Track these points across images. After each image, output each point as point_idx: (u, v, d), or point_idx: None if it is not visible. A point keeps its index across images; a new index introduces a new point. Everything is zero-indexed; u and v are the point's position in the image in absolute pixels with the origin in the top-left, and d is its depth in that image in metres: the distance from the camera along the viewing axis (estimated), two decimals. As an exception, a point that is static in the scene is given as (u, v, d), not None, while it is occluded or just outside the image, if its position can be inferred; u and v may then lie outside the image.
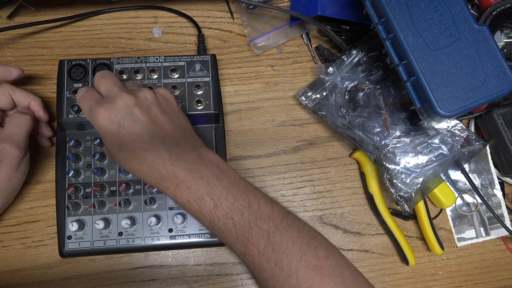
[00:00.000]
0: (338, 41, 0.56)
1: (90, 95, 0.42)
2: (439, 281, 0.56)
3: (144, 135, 0.40)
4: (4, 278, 0.51)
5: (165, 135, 0.41)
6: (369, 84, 0.54)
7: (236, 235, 0.40)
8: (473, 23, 0.45)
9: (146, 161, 0.40)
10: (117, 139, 0.40)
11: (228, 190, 0.41)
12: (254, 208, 0.41)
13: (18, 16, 0.58)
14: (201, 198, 0.40)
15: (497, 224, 0.57)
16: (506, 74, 0.45)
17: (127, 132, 0.39)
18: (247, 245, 0.40)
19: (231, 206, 0.40)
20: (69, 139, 0.51)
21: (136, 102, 0.40)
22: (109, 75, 0.44)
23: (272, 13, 0.59)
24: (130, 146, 0.40)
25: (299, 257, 0.40)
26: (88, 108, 0.41)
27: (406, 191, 0.50)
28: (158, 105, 0.42)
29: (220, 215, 0.40)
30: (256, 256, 0.40)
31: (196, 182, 0.40)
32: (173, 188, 0.40)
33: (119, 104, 0.40)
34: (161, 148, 0.40)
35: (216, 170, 0.41)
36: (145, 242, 0.50)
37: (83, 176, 0.50)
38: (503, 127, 0.54)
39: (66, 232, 0.49)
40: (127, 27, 0.59)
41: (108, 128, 0.40)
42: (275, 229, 0.40)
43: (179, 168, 0.40)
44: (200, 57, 0.53)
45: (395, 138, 0.52)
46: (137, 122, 0.40)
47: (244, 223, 0.40)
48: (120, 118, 0.39)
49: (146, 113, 0.40)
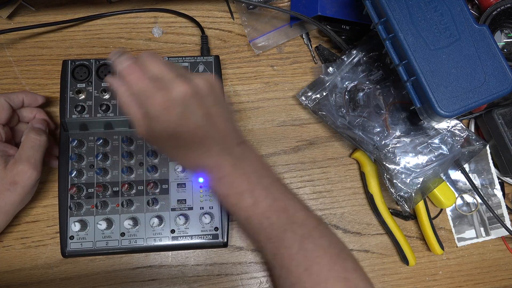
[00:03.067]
0: (338, 41, 0.56)
1: (140, 72, 0.38)
2: (439, 281, 0.56)
3: (198, 128, 0.39)
4: (4, 278, 0.51)
5: (216, 128, 0.40)
6: (369, 84, 0.54)
7: (269, 236, 0.40)
8: (473, 23, 0.45)
9: (195, 153, 0.40)
10: (170, 129, 0.38)
11: (268, 189, 0.41)
12: (290, 212, 0.41)
13: (18, 16, 0.58)
14: (241, 194, 0.40)
15: (497, 224, 0.57)
16: (506, 74, 0.45)
17: (182, 123, 0.38)
18: (279, 247, 0.40)
19: (269, 206, 0.40)
20: (72, 139, 0.51)
21: (192, 92, 0.38)
22: (159, 57, 0.41)
23: (272, 13, 0.59)
24: (182, 137, 0.39)
25: (329, 266, 0.40)
26: (140, 89, 0.38)
27: (406, 191, 0.50)
28: (212, 96, 0.40)
29: (257, 213, 0.40)
30: (287, 259, 0.40)
31: (239, 177, 0.40)
32: (216, 180, 0.41)
33: (177, 93, 0.38)
34: (211, 141, 0.40)
35: (258, 167, 0.42)
36: (147, 243, 0.50)
37: (85, 176, 0.50)
38: (503, 127, 0.54)
39: (69, 232, 0.49)
40: (127, 27, 0.59)
41: (163, 116, 0.38)
42: (308, 236, 0.40)
43: (225, 162, 0.40)
44: (203, 58, 0.53)
45: (395, 138, 0.52)
46: (193, 114, 0.38)
47: (280, 225, 0.40)
48: (177, 109, 0.38)
49: (201, 105, 0.39)
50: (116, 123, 0.51)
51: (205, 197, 0.51)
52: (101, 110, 0.50)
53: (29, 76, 0.56)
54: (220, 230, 0.50)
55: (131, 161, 0.51)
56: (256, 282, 0.53)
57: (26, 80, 0.56)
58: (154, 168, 0.51)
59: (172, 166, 0.51)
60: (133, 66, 0.39)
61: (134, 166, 0.51)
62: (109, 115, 0.50)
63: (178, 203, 0.51)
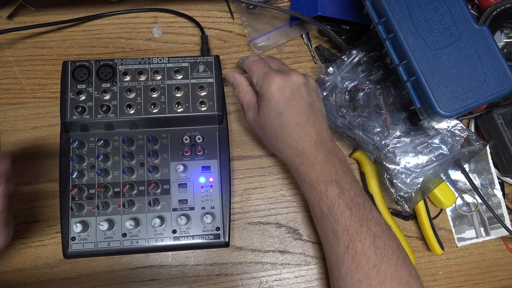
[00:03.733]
0: (338, 41, 0.56)
1: (264, 63, 0.47)
2: (439, 281, 0.56)
3: (304, 113, 0.45)
4: (4, 278, 0.51)
5: (317, 119, 0.46)
6: (369, 84, 0.54)
7: (347, 227, 0.43)
8: (473, 23, 0.45)
9: (297, 135, 0.45)
10: (281, 108, 0.44)
11: (351, 184, 0.45)
12: (367, 209, 0.45)
13: (18, 16, 0.58)
14: (330, 182, 0.44)
15: (497, 224, 0.57)
16: (506, 74, 0.45)
17: (292, 104, 0.44)
18: (354, 240, 0.43)
19: (351, 198, 0.44)
20: (73, 140, 0.51)
21: (304, 82, 0.46)
22: (277, 58, 0.52)
23: (272, 13, 0.59)
24: (289, 117, 0.44)
25: (396, 268, 0.42)
26: (263, 72, 0.46)
27: (406, 191, 0.50)
28: (316, 92, 0.48)
29: (341, 202, 0.44)
30: (359, 253, 0.42)
31: (329, 168, 0.45)
32: (308, 165, 0.45)
33: (294, 79, 0.45)
34: (312, 129, 0.45)
35: (344, 165, 0.46)
36: (149, 243, 0.50)
37: (87, 177, 0.50)
38: (503, 127, 0.54)
39: (70, 233, 0.49)
40: (127, 27, 0.59)
41: (277, 95, 0.44)
42: (380, 234, 0.43)
43: (321, 151, 0.45)
44: (203, 58, 0.53)
45: (395, 138, 0.52)
46: (302, 99, 0.45)
47: (358, 218, 0.43)
48: (290, 91, 0.44)
49: (308, 95, 0.46)
50: (116, 124, 0.51)
51: (206, 197, 0.51)
52: (101, 111, 0.50)
53: (29, 76, 0.56)
54: (221, 230, 0.50)
55: (132, 162, 0.51)
56: (256, 282, 0.53)
57: (26, 80, 0.56)
58: (155, 169, 0.51)
59: (173, 167, 0.51)
60: (259, 59, 0.48)
61: (135, 167, 0.51)
62: (109, 116, 0.50)
63: (179, 203, 0.51)
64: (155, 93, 0.51)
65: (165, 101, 0.51)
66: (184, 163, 0.51)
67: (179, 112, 0.51)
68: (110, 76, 0.51)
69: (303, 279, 0.54)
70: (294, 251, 0.54)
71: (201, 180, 0.51)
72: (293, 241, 0.55)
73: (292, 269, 0.54)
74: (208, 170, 0.52)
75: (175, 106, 0.51)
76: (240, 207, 0.55)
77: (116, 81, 0.51)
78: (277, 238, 0.55)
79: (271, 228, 0.55)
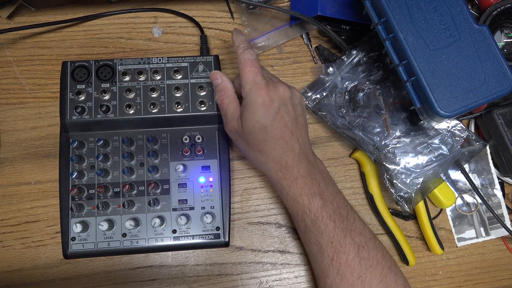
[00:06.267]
0: (338, 41, 0.56)
1: (257, 68, 0.45)
2: (439, 281, 0.56)
3: (288, 127, 0.44)
4: (4, 278, 0.51)
5: (300, 134, 0.46)
6: (369, 84, 0.54)
7: (331, 239, 0.43)
8: (473, 23, 0.45)
9: (281, 149, 0.44)
10: (267, 122, 0.44)
11: (334, 195, 0.45)
12: (350, 220, 0.45)
13: (18, 16, 0.58)
14: (313, 195, 0.44)
15: (497, 224, 0.57)
16: (506, 74, 0.45)
17: (277, 118, 0.44)
18: (338, 252, 0.43)
19: (334, 210, 0.44)
20: (73, 140, 0.51)
21: (290, 96, 0.46)
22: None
23: (272, 13, 0.59)
24: (274, 132, 0.44)
25: (381, 278, 0.43)
26: (254, 81, 0.44)
27: (406, 191, 0.50)
28: (300, 106, 0.47)
29: (325, 215, 0.44)
30: (343, 264, 0.42)
31: (311, 181, 0.44)
32: (291, 180, 0.44)
33: (280, 92, 0.45)
34: (296, 143, 0.45)
35: (325, 177, 0.47)
36: (149, 243, 0.50)
37: (86, 177, 0.50)
38: (503, 127, 0.54)
39: (70, 234, 0.49)
40: (127, 27, 0.59)
41: (263, 108, 0.44)
42: (364, 245, 0.44)
43: (303, 165, 0.45)
44: (203, 58, 0.53)
45: (395, 138, 0.52)
46: (287, 114, 0.45)
47: (342, 230, 0.43)
48: (277, 104, 0.44)
49: (293, 109, 0.46)
50: (116, 124, 0.51)
51: (206, 197, 0.51)
52: (101, 111, 0.50)
53: (29, 76, 0.56)
54: (221, 230, 0.50)
55: (131, 162, 0.51)
56: (256, 282, 0.53)
57: (26, 80, 0.56)
58: (155, 169, 0.51)
59: (173, 166, 0.51)
60: (254, 61, 0.45)
61: (135, 167, 0.51)
62: (109, 116, 0.50)
63: (179, 203, 0.51)
64: (154, 93, 0.51)
65: (164, 101, 0.51)
66: (184, 163, 0.51)
67: (179, 112, 0.51)
68: (109, 76, 0.51)
69: (303, 279, 0.54)
70: (294, 251, 0.54)
71: (201, 180, 0.51)
72: (293, 241, 0.55)
73: (292, 269, 0.54)
74: (208, 170, 0.52)
75: (174, 106, 0.51)
76: (240, 207, 0.55)
77: (115, 81, 0.51)
78: (277, 238, 0.55)
79: (271, 228, 0.55)
